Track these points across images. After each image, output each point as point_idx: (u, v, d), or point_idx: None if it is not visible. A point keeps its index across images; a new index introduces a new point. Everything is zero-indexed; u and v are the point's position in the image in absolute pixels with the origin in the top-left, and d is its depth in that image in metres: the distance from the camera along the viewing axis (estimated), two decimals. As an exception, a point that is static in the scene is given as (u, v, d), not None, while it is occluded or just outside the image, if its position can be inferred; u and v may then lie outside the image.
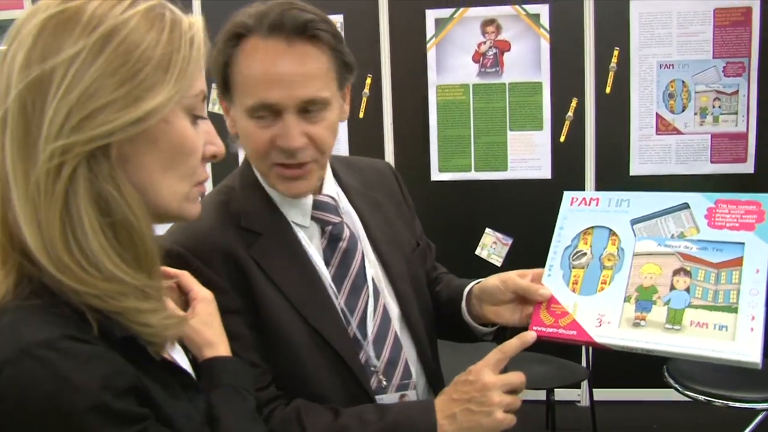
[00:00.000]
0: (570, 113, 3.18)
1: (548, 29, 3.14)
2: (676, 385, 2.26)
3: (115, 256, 0.69)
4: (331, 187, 1.25)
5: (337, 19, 3.29)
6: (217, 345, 0.96)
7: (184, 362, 0.89)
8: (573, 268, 1.14)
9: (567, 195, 1.22)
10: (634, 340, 1.03)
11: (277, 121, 1.09)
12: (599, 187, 3.18)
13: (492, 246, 3.29)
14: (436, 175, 3.33)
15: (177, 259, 1.08)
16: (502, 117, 3.25)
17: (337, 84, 1.15)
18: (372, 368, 1.19)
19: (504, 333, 1.29)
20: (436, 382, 1.29)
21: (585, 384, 3.20)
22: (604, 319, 1.07)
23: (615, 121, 3.14)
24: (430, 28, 3.24)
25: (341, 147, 3.36)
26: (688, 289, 1.03)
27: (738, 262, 1.02)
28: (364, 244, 1.26)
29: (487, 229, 3.29)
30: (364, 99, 3.33)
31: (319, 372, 1.15)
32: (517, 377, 1.09)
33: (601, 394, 3.25)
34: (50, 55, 0.67)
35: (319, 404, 1.13)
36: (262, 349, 1.13)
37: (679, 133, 3.11)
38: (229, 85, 1.11)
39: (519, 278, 1.18)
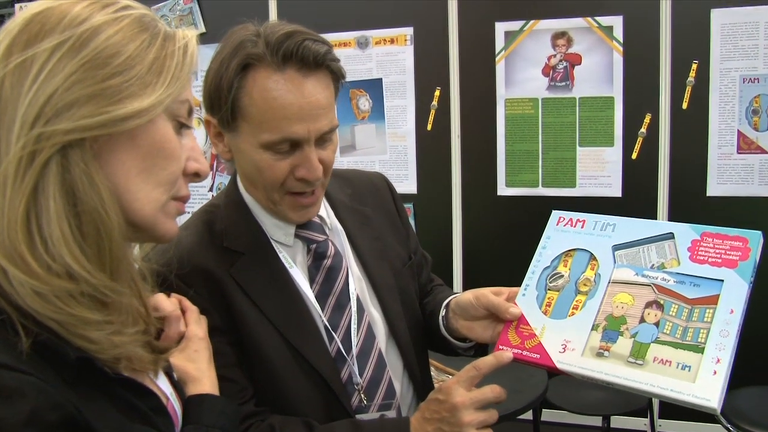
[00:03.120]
0: (643, 129, 3.03)
1: (621, 42, 3.01)
2: (728, 425, 2.11)
3: (76, 248, 0.66)
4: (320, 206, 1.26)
5: (407, 32, 3.32)
6: (201, 381, 0.94)
7: (167, 390, 0.86)
8: (549, 289, 1.13)
9: (555, 214, 1.21)
10: (594, 370, 1.00)
11: (294, 151, 1.10)
12: (673, 207, 3.01)
13: (557, 264, 3.19)
14: (502, 190, 3.27)
15: (156, 278, 1.12)
16: (572, 132, 3.15)
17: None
18: (355, 386, 1.19)
19: (486, 348, 1.26)
20: (426, 394, 1.28)
21: (654, 413, 3.04)
22: (569, 345, 1.04)
23: (692, 138, 2.96)
24: (499, 41, 3.19)
25: (409, 158, 3.38)
26: (657, 323, 1.00)
27: (714, 300, 0.98)
28: (350, 260, 1.26)
29: (553, 247, 3.19)
30: (432, 111, 3.33)
31: (300, 390, 1.16)
32: (490, 392, 1.07)
33: (671, 426, 3.08)
34: (32, 44, 0.66)
35: (296, 418, 1.14)
36: (242, 367, 1.14)
37: (763, 152, 2.89)
38: (236, 115, 1.09)
39: (492, 295, 1.16)
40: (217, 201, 1.25)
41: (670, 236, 1.07)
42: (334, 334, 1.19)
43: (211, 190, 3.66)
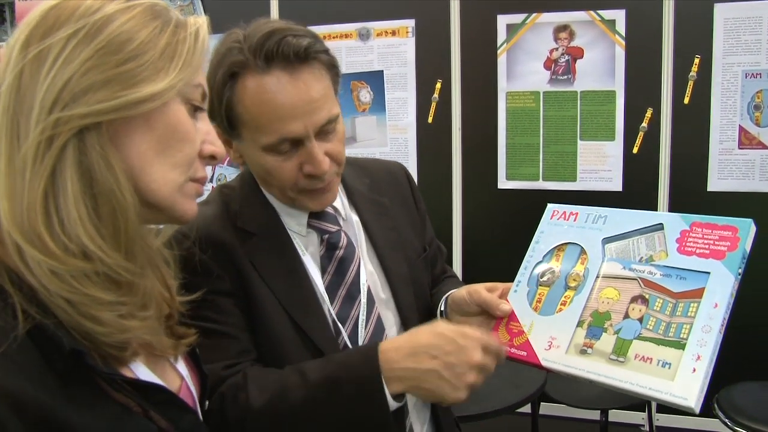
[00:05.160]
0: (644, 124, 3.03)
1: (624, 35, 3.00)
2: (726, 420, 2.11)
3: (92, 228, 0.68)
4: None
5: (409, 24, 3.31)
6: None
7: (184, 372, 0.87)
8: (540, 285, 1.11)
9: (549, 208, 1.19)
10: (577, 368, 0.99)
11: (297, 148, 1.10)
12: (674, 202, 3.01)
13: (557, 258, 3.19)
14: (503, 183, 3.27)
15: (174, 238, 1.12)
16: (573, 126, 3.14)
17: (334, 92, 1.15)
18: None
19: None
20: None
21: (652, 408, 3.05)
22: (555, 342, 1.03)
23: (693, 133, 2.96)
24: (501, 34, 3.18)
25: (410, 151, 3.37)
26: (641, 319, 0.97)
27: (699, 294, 0.94)
28: (365, 250, 1.26)
29: (553, 241, 3.19)
30: (434, 104, 3.32)
31: None
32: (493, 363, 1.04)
33: (669, 421, 3.09)
34: (48, 35, 0.69)
35: (272, 368, 1.12)
36: (250, 333, 1.14)
37: (764, 147, 2.88)
38: (235, 124, 1.10)
39: (485, 291, 1.16)
40: (233, 183, 1.25)
41: (660, 227, 1.03)
42: (341, 327, 1.18)
43: (211, 180, 3.66)
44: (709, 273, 0.95)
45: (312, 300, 1.18)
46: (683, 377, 0.89)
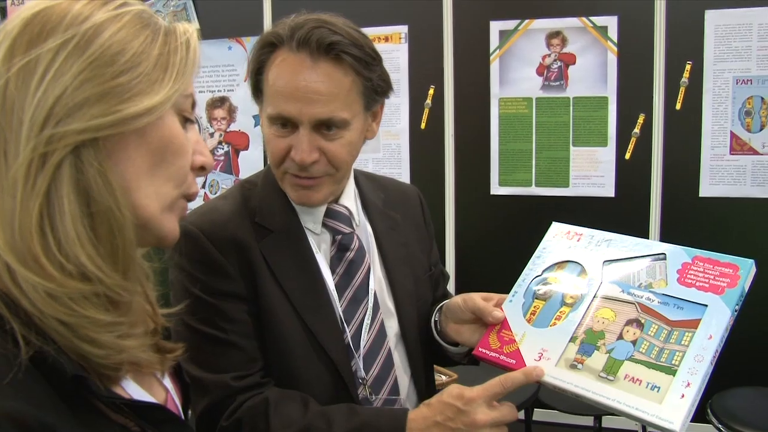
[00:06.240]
0: (637, 129, 3.04)
1: (616, 42, 3.01)
2: (719, 425, 2.12)
3: (91, 248, 0.65)
4: (350, 200, 1.28)
5: (402, 30, 3.31)
6: None
7: (168, 385, 0.86)
8: (536, 298, 1.13)
9: (554, 226, 1.22)
10: (566, 381, 1.00)
11: (294, 132, 1.14)
12: (666, 207, 3.02)
13: (550, 264, 3.19)
14: (495, 189, 3.28)
15: (189, 238, 1.13)
16: (566, 132, 3.15)
17: (362, 105, 1.17)
18: (360, 380, 1.21)
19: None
20: None
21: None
22: (545, 354, 1.05)
23: (685, 139, 2.97)
24: (494, 40, 3.19)
25: (403, 157, 3.37)
26: (635, 342, 0.99)
27: (694, 324, 0.97)
28: (374, 259, 1.28)
29: (546, 247, 3.19)
30: (426, 110, 3.33)
31: (310, 372, 1.18)
32: (509, 414, 1.05)
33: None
34: (35, 45, 0.65)
35: (293, 393, 1.15)
36: (257, 339, 1.17)
37: (755, 153, 2.90)
38: (260, 88, 1.17)
39: (479, 299, 1.18)
40: (254, 179, 1.28)
41: (662, 257, 1.07)
42: (346, 327, 1.20)
43: (203, 186, 3.65)
44: (706, 306, 0.98)
45: (323, 299, 1.20)
46: (671, 401, 0.91)
